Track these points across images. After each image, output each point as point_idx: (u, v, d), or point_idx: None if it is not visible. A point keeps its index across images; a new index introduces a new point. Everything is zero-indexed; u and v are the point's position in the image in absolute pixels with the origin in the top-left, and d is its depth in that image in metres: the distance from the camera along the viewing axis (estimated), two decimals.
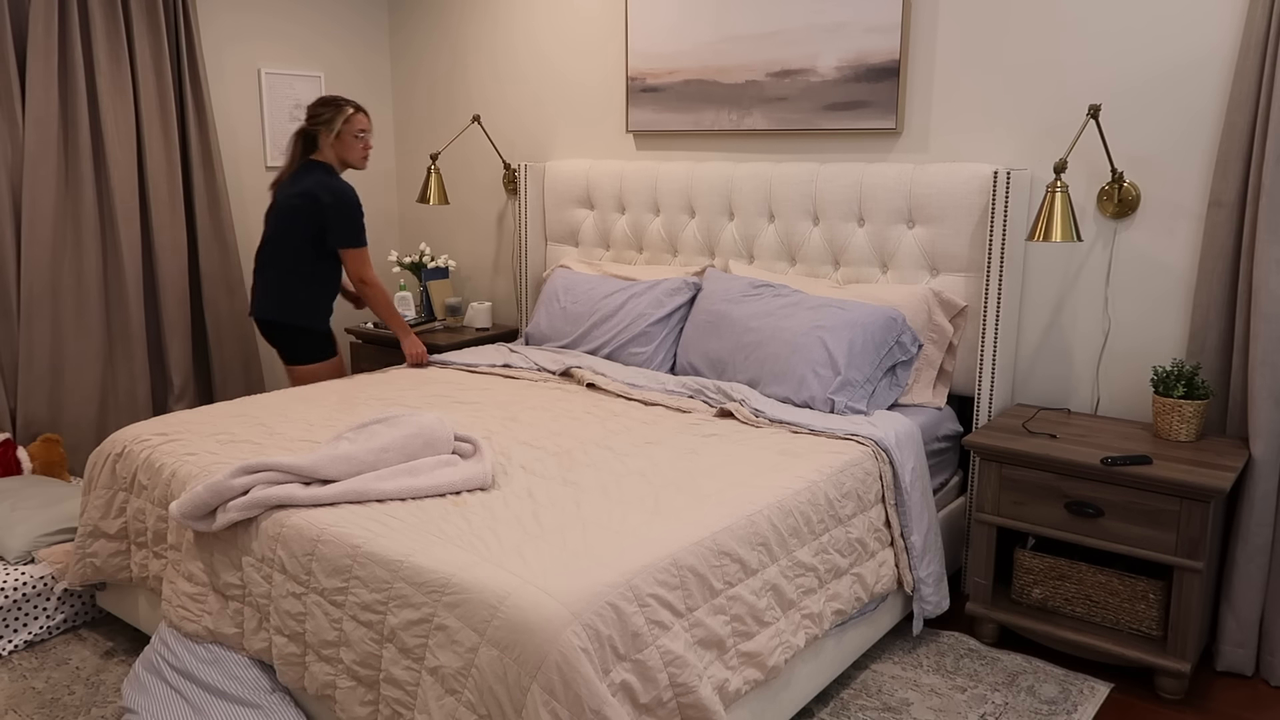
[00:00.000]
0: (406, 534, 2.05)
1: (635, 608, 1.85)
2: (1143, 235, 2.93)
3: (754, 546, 2.16)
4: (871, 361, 2.98)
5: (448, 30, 4.58)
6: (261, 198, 4.39)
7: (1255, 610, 2.65)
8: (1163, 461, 2.54)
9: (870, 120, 3.34)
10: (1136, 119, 2.89)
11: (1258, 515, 2.60)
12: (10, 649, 2.77)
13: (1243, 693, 2.63)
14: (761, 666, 2.12)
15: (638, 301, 3.51)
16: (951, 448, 3.11)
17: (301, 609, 2.13)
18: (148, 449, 2.64)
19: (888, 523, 2.66)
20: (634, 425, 2.81)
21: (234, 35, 4.21)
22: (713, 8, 3.64)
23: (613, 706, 1.73)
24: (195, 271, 4.08)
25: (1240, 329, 2.66)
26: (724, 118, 3.68)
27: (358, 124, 3.39)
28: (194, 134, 3.97)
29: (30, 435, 3.64)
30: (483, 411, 2.95)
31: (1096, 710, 2.52)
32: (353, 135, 3.39)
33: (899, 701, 2.54)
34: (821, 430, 2.74)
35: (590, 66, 4.11)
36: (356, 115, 3.40)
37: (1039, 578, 2.77)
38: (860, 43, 3.31)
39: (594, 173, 3.97)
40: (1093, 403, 3.07)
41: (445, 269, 4.54)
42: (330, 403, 3.04)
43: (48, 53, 3.53)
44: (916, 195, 3.15)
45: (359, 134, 3.40)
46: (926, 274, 3.20)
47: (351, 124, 3.38)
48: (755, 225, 3.55)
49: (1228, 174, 2.65)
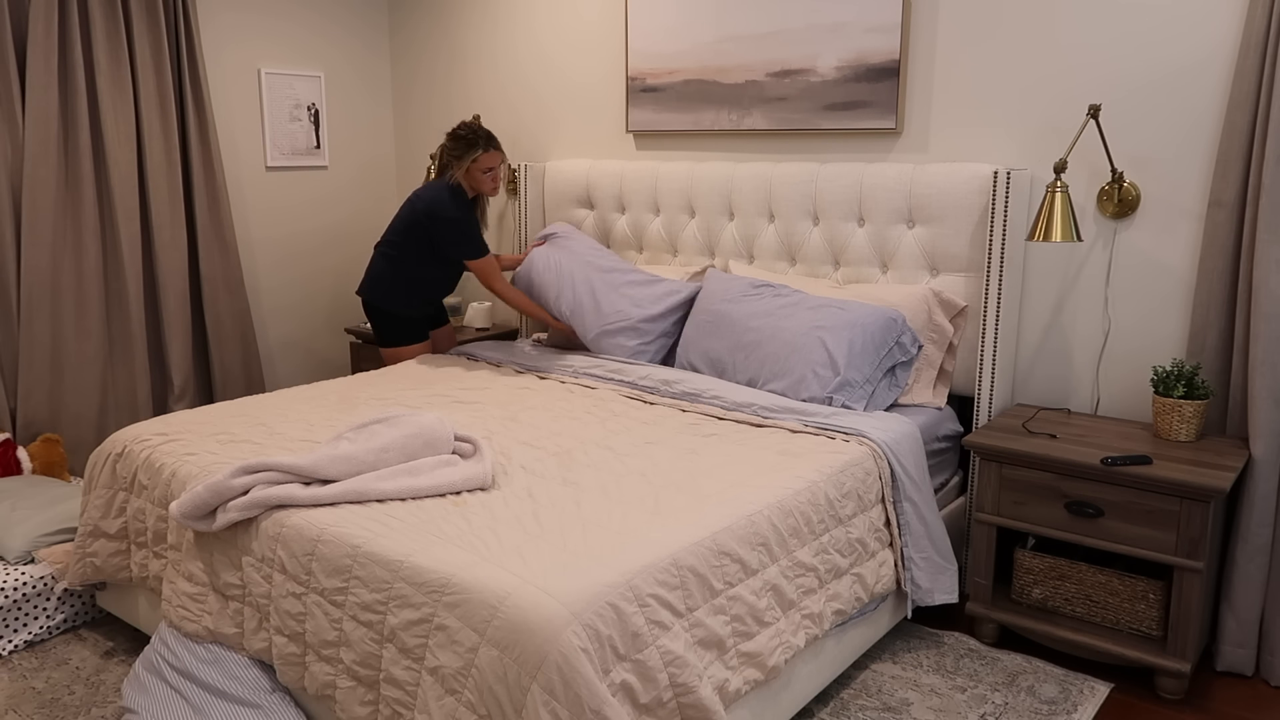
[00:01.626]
0: (406, 534, 2.05)
1: (635, 608, 1.85)
2: (1143, 235, 2.93)
3: (754, 547, 2.16)
4: (871, 362, 2.98)
5: (448, 30, 4.58)
6: (262, 198, 4.40)
7: (1255, 610, 2.65)
8: (1163, 461, 2.54)
9: (870, 120, 3.34)
10: (1137, 119, 2.89)
11: (1258, 515, 2.60)
12: (10, 649, 2.77)
13: (1243, 693, 2.63)
14: (761, 666, 2.12)
15: (633, 300, 3.51)
16: (952, 448, 3.11)
17: (301, 609, 2.13)
18: (148, 449, 2.64)
19: (888, 523, 2.66)
20: (634, 425, 2.81)
21: (234, 35, 4.21)
22: (713, 8, 3.64)
23: (613, 706, 1.73)
24: (195, 271, 4.08)
25: (1240, 329, 2.66)
26: (724, 118, 3.68)
27: (485, 163, 3.49)
28: (194, 134, 3.97)
29: (30, 435, 3.64)
30: (483, 411, 2.95)
31: (1096, 710, 2.52)
32: (480, 172, 3.50)
33: (899, 701, 2.54)
34: (822, 430, 2.74)
35: (590, 66, 4.11)
36: (485, 155, 3.49)
37: (1039, 578, 2.77)
38: (860, 42, 3.31)
39: (594, 173, 3.97)
40: (1093, 403, 3.07)
41: None
42: (330, 403, 3.04)
43: (48, 53, 3.52)
44: (916, 195, 3.15)
45: (486, 171, 3.51)
46: (926, 274, 3.20)
47: (480, 163, 3.49)
48: (755, 225, 3.55)
49: (1228, 174, 2.65)
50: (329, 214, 4.68)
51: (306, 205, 4.58)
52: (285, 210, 4.50)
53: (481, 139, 3.48)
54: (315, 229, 4.63)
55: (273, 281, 4.50)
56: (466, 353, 3.72)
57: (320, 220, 4.65)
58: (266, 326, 4.50)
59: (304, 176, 4.56)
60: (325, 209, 4.66)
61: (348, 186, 4.75)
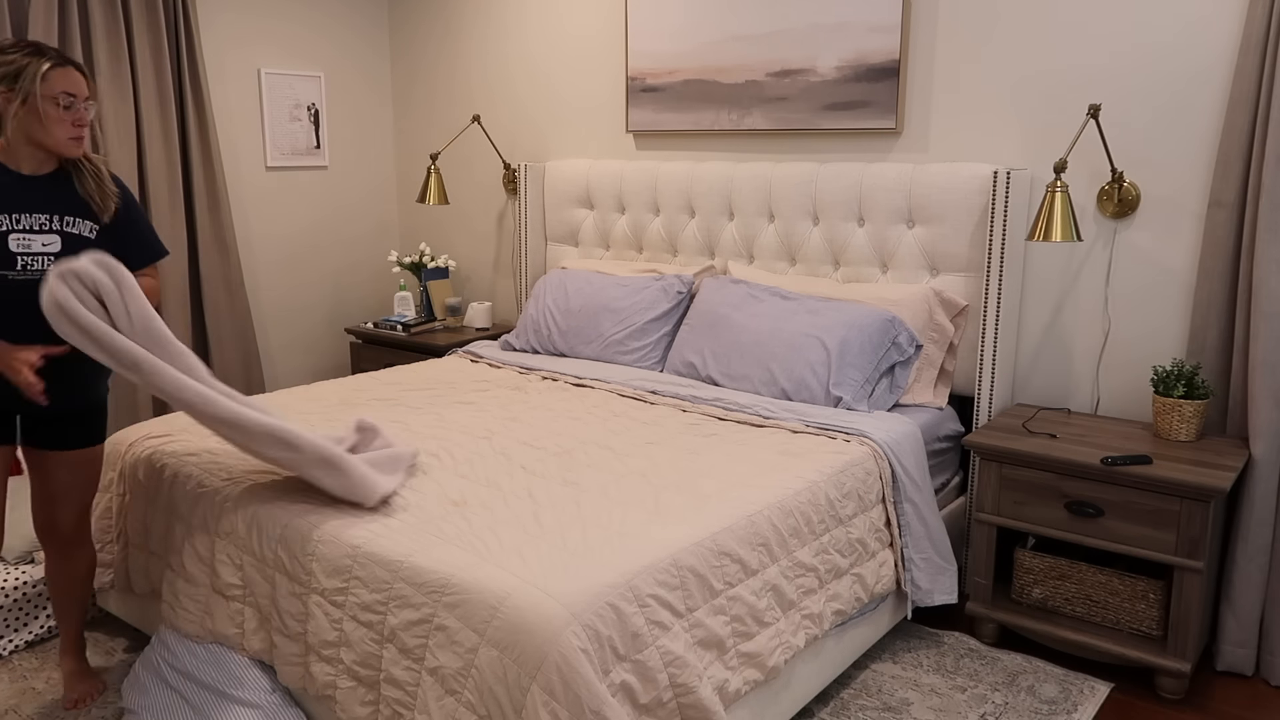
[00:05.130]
0: (406, 534, 2.05)
1: (635, 608, 1.85)
2: (1143, 235, 2.93)
3: (754, 547, 2.16)
4: (869, 362, 2.98)
5: (448, 30, 4.58)
6: (262, 198, 4.39)
7: (1255, 610, 2.65)
8: (1163, 461, 2.54)
9: (870, 120, 3.34)
10: (1137, 119, 2.88)
11: (1258, 515, 2.60)
12: (10, 649, 2.77)
13: (1243, 692, 2.63)
14: (761, 667, 2.12)
15: (633, 299, 3.51)
16: (953, 448, 3.11)
17: (303, 609, 2.13)
18: (148, 449, 2.64)
19: (888, 523, 2.65)
20: (634, 425, 2.81)
21: (234, 35, 4.21)
22: (713, 8, 3.64)
23: (612, 707, 1.73)
24: (195, 271, 4.08)
25: (1240, 329, 2.65)
26: (724, 118, 3.68)
27: (58, 85, 2.20)
28: (194, 134, 3.97)
29: None
30: (484, 411, 2.95)
31: (1096, 710, 2.52)
32: (52, 105, 2.20)
33: (899, 701, 2.54)
34: (823, 430, 2.74)
35: (590, 66, 4.11)
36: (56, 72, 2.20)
37: (1039, 577, 2.77)
38: (860, 42, 3.31)
39: (594, 173, 3.96)
40: (1093, 403, 3.07)
41: (445, 269, 4.54)
42: (330, 403, 3.04)
43: None
44: (916, 195, 3.15)
45: (62, 105, 2.22)
46: (926, 274, 3.20)
47: (51, 84, 2.18)
48: (755, 225, 3.55)
49: (1228, 174, 2.65)
50: (329, 214, 4.68)
51: (306, 205, 4.58)
52: (285, 210, 4.50)
53: (48, 50, 2.20)
54: (315, 229, 4.63)
55: (273, 281, 4.50)
56: (468, 353, 3.72)
57: (320, 220, 4.65)
58: (266, 326, 4.50)
59: (304, 176, 4.56)
60: (325, 209, 4.66)
61: (348, 186, 4.75)
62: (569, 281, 3.73)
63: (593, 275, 3.71)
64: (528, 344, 3.75)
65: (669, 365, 3.39)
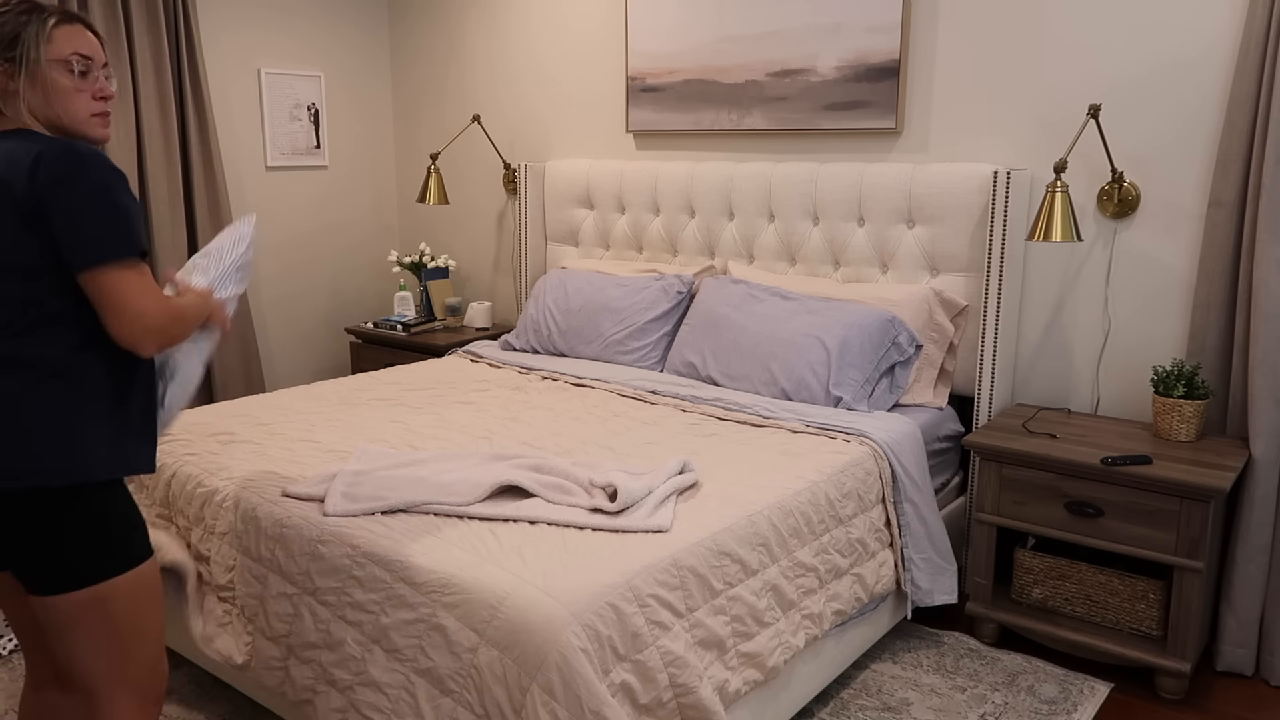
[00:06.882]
0: (406, 535, 2.05)
1: (635, 608, 1.85)
2: (1143, 235, 2.93)
3: (754, 547, 2.16)
4: (869, 362, 2.98)
5: (448, 30, 4.58)
6: (262, 198, 4.40)
7: (1255, 610, 2.65)
8: (1163, 461, 2.54)
9: (870, 120, 3.34)
10: (1137, 119, 2.88)
11: (1258, 515, 2.60)
12: (10, 649, 2.77)
13: (1243, 693, 2.63)
14: (761, 667, 2.12)
15: (633, 299, 3.51)
16: (953, 448, 3.11)
17: (291, 610, 2.12)
18: None
19: (888, 523, 2.65)
20: (634, 425, 2.81)
21: (234, 35, 4.21)
22: (712, 8, 3.64)
23: (612, 707, 1.73)
24: None
25: (1240, 329, 2.65)
26: (724, 118, 3.68)
27: (67, 45, 1.69)
28: (194, 134, 3.97)
29: None
30: (484, 411, 2.95)
31: (1096, 710, 2.52)
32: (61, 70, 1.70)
33: (899, 701, 2.54)
34: (823, 430, 2.74)
35: (590, 66, 4.11)
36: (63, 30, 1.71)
37: (1039, 578, 2.77)
38: (860, 43, 3.31)
39: (594, 172, 3.96)
40: (1093, 403, 3.07)
41: (445, 269, 4.54)
42: (331, 403, 3.04)
43: None
44: (916, 195, 3.15)
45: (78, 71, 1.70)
46: (926, 274, 3.20)
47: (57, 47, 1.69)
48: (755, 225, 3.55)
49: (1228, 174, 2.65)
50: (329, 214, 4.68)
51: (306, 205, 4.58)
52: (285, 210, 4.50)
53: (49, 8, 1.70)
54: (315, 229, 4.63)
55: (273, 281, 4.50)
56: (468, 353, 3.72)
57: (320, 220, 4.65)
58: (266, 326, 4.50)
59: (304, 176, 4.56)
60: (325, 209, 4.66)
61: (348, 186, 4.75)
62: (569, 281, 3.73)
63: (593, 275, 3.71)
64: (528, 344, 3.75)
65: (669, 365, 3.39)
